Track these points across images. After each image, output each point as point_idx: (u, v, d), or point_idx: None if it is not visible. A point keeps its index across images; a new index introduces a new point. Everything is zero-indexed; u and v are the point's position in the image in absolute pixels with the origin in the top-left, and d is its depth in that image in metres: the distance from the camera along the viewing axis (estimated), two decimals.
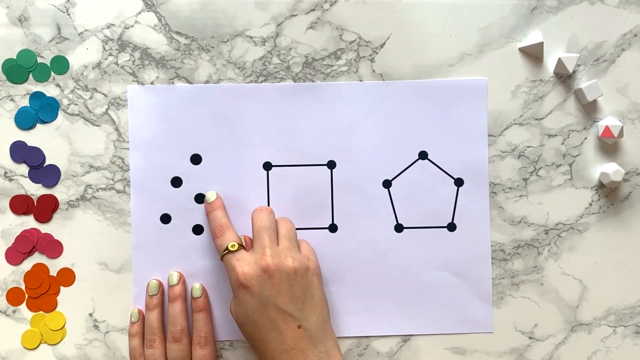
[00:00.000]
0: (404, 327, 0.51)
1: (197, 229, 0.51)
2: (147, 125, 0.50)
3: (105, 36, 0.50)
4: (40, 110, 0.50)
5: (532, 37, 0.51)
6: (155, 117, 0.50)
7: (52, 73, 0.50)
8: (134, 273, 0.50)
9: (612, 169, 0.51)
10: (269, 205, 0.51)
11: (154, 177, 0.50)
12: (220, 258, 0.47)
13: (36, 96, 0.50)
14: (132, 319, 0.49)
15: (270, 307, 0.44)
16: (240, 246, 0.46)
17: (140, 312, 0.50)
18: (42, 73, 0.50)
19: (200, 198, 0.51)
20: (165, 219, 0.50)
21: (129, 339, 0.49)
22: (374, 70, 0.51)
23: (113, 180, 0.50)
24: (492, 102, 0.51)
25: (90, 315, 0.51)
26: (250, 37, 0.50)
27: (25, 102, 0.50)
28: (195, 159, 0.51)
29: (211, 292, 0.51)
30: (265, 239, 0.46)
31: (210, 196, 0.49)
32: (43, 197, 0.50)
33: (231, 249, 0.46)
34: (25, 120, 0.50)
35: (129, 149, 0.50)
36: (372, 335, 0.51)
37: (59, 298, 0.51)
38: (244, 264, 0.45)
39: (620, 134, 0.51)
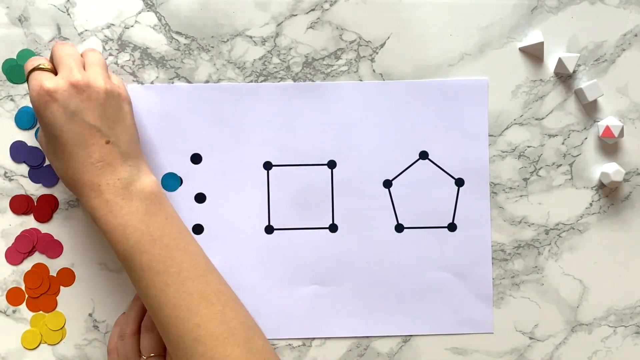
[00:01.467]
0: (404, 328, 0.51)
1: (197, 229, 0.51)
2: (147, 125, 0.50)
3: (105, 36, 0.50)
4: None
5: (532, 37, 0.51)
6: (155, 117, 0.50)
7: None
8: None
9: (612, 169, 0.51)
10: (269, 205, 0.51)
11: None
12: (26, 78, 0.44)
13: None
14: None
15: (76, 120, 0.42)
16: (52, 69, 0.44)
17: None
18: None
19: (200, 198, 0.50)
20: None
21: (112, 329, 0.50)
22: (374, 70, 0.51)
23: None
24: (493, 102, 0.51)
25: (90, 315, 0.51)
26: (250, 37, 0.50)
27: (25, 102, 0.50)
28: (195, 159, 0.50)
29: None
30: (71, 63, 0.44)
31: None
32: (43, 197, 0.50)
33: (42, 67, 0.43)
34: (25, 120, 0.50)
35: None
36: (372, 336, 0.51)
37: (58, 298, 0.50)
38: (51, 80, 0.42)
39: (621, 134, 0.51)
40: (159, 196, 0.44)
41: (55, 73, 0.44)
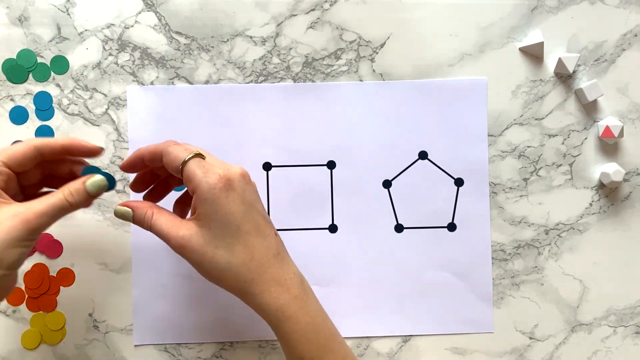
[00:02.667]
0: (404, 327, 0.51)
1: None
2: (146, 125, 0.50)
3: (105, 36, 0.50)
4: (38, 111, 0.50)
5: (532, 37, 0.51)
6: (154, 117, 0.50)
7: (52, 73, 0.50)
8: (133, 273, 0.50)
9: (612, 169, 0.50)
10: (268, 205, 0.51)
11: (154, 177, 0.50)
12: (180, 168, 0.40)
13: (39, 97, 0.50)
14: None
15: (254, 211, 0.40)
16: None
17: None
18: (42, 73, 0.50)
19: None
20: None
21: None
22: (374, 70, 0.51)
23: None
24: (492, 102, 0.51)
25: (90, 315, 0.51)
26: (250, 37, 0.50)
27: (24, 102, 0.50)
28: None
29: (210, 292, 0.50)
30: (212, 156, 0.42)
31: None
32: None
33: (197, 155, 0.40)
34: (19, 117, 0.50)
35: (128, 149, 0.50)
36: (372, 336, 0.51)
37: (58, 298, 0.50)
38: (221, 167, 0.40)
39: (621, 134, 0.51)
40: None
41: None
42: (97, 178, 0.41)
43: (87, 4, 0.50)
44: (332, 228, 0.51)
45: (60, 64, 0.50)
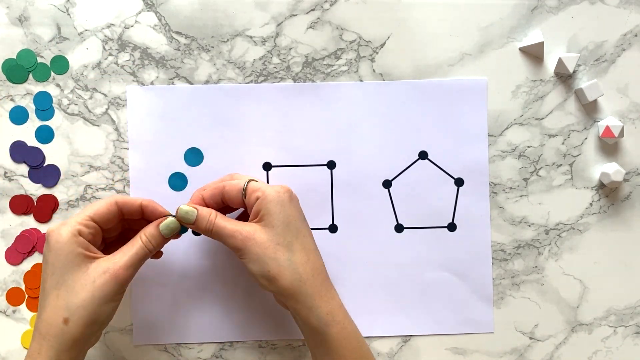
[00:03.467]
0: (404, 328, 0.51)
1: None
2: (146, 125, 0.50)
3: (105, 36, 0.50)
4: (38, 111, 0.50)
5: (532, 37, 0.51)
6: (154, 117, 0.50)
7: (52, 73, 0.50)
8: None
9: (612, 169, 0.50)
10: None
11: (154, 177, 0.50)
12: (245, 185, 0.44)
13: (39, 97, 0.50)
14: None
15: (306, 222, 0.45)
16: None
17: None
18: (42, 73, 0.50)
19: None
20: None
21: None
22: (374, 70, 0.51)
23: (113, 180, 0.50)
24: (492, 102, 0.51)
25: None
26: (250, 37, 0.50)
27: (24, 102, 0.50)
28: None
29: (210, 292, 0.50)
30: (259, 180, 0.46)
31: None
32: (43, 197, 0.50)
33: (253, 179, 0.46)
34: (19, 117, 0.50)
35: (128, 149, 0.50)
36: (373, 336, 0.51)
37: None
38: (277, 187, 0.44)
39: (621, 134, 0.51)
40: None
41: None
42: (169, 220, 0.44)
43: (87, 4, 0.50)
44: (332, 228, 0.51)
45: (60, 64, 0.50)
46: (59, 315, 0.40)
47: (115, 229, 0.46)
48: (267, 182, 0.51)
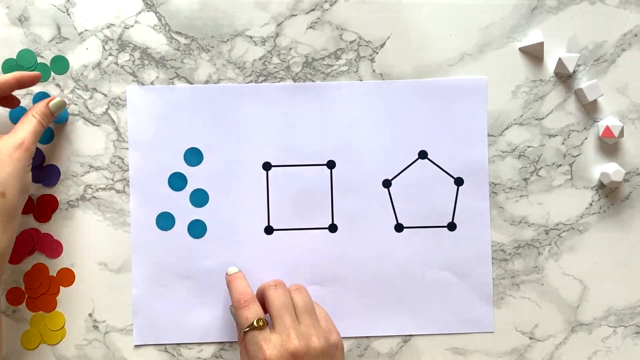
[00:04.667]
0: (404, 327, 0.51)
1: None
2: (146, 125, 0.50)
3: (105, 36, 0.50)
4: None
5: (532, 37, 0.51)
6: (154, 117, 0.50)
7: (52, 73, 0.50)
8: (133, 273, 0.50)
9: (612, 169, 0.50)
10: (268, 205, 0.51)
11: (154, 177, 0.50)
12: (242, 332, 0.44)
13: (39, 97, 0.50)
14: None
15: None
16: (266, 323, 0.44)
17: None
18: (42, 73, 0.50)
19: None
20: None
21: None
22: (374, 70, 0.51)
23: (113, 180, 0.50)
24: (492, 102, 0.51)
25: (90, 315, 0.51)
26: (250, 37, 0.50)
27: (23, 103, 0.50)
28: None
29: (209, 293, 0.50)
30: (287, 319, 0.44)
31: (231, 270, 0.48)
32: (43, 197, 0.50)
33: (256, 324, 0.43)
34: (19, 117, 0.50)
35: (128, 149, 0.50)
36: (372, 336, 0.51)
37: (58, 298, 0.50)
38: (271, 347, 0.43)
39: (621, 134, 0.51)
40: None
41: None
42: (58, 99, 0.48)
43: (87, 4, 0.50)
44: (332, 228, 0.51)
45: (60, 64, 0.50)
46: None
47: None
48: (267, 182, 0.51)
